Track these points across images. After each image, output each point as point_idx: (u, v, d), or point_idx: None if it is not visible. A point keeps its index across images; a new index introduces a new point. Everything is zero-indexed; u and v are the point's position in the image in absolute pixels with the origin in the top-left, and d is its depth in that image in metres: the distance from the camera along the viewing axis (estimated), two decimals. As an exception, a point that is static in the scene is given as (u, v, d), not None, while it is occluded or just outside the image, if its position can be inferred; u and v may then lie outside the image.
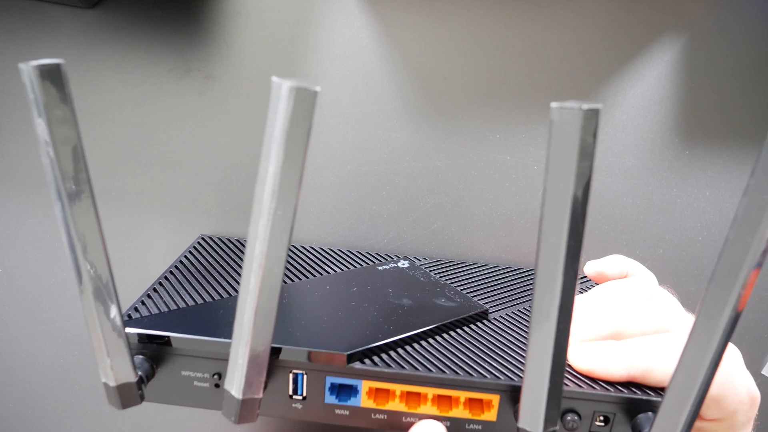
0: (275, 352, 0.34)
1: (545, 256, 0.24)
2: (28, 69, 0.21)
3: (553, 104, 0.21)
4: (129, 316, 0.37)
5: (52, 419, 0.62)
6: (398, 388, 0.35)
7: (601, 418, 0.34)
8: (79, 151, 0.24)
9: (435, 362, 0.35)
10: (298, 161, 0.23)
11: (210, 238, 0.53)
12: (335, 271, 0.48)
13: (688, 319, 0.38)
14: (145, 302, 0.39)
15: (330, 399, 0.35)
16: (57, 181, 0.24)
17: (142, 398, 0.33)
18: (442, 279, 0.48)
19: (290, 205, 0.24)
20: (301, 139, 0.23)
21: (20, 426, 0.62)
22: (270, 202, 0.24)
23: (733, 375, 0.35)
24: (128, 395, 0.32)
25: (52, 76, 0.22)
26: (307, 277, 0.46)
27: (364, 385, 0.35)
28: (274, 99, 0.22)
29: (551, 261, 0.24)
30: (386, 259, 0.51)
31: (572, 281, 0.24)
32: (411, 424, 0.35)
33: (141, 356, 0.35)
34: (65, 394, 0.61)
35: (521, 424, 0.29)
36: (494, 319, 0.43)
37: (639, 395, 0.34)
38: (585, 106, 0.21)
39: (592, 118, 0.21)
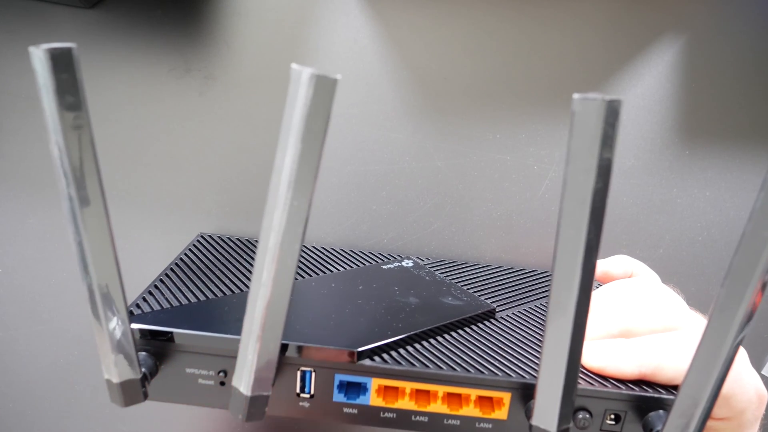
0: (283, 349, 0.34)
1: (564, 249, 0.24)
2: (38, 53, 0.21)
3: (575, 95, 0.21)
4: (131, 312, 0.36)
5: (52, 419, 0.61)
6: (408, 385, 0.34)
7: (613, 416, 0.34)
8: (90, 140, 0.23)
9: (445, 360, 0.35)
10: (316, 150, 0.23)
11: (209, 236, 0.53)
12: (339, 270, 0.47)
13: (695, 318, 0.38)
14: (147, 299, 0.38)
15: (338, 397, 0.35)
16: (65, 171, 0.23)
17: (145, 396, 0.32)
18: (446, 278, 0.48)
19: (307, 195, 0.24)
20: (319, 128, 0.22)
21: (20, 426, 0.61)
22: (286, 193, 0.23)
23: (742, 374, 0.35)
24: (131, 392, 0.31)
25: (64, 60, 0.21)
26: (311, 276, 0.46)
27: (374, 383, 0.34)
28: (294, 86, 0.22)
29: (570, 255, 0.24)
30: (389, 259, 0.51)
31: (590, 276, 0.24)
32: (420, 423, 0.35)
33: (144, 353, 0.34)
34: (65, 394, 0.60)
35: (535, 422, 0.28)
36: (501, 318, 0.43)
37: (650, 393, 0.33)
38: (607, 98, 0.21)
39: (614, 110, 0.21)
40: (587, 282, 0.24)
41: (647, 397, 0.33)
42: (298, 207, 0.24)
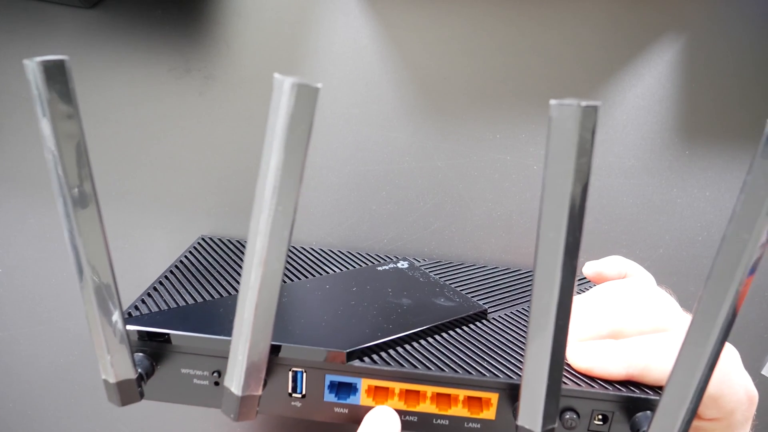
0: (275, 349, 0.34)
1: (544, 252, 0.24)
2: (32, 65, 0.21)
3: (552, 101, 0.21)
4: (129, 314, 0.37)
5: (52, 419, 0.62)
6: (397, 386, 0.35)
7: (600, 416, 0.34)
8: (83, 147, 0.24)
9: (434, 360, 0.35)
10: (299, 157, 0.23)
11: (210, 238, 0.53)
12: (335, 272, 0.48)
13: (686, 319, 0.38)
14: (146, 301, 0.39)
15: (329, 397, 0.35)
16: (59, 177, 0.24)
17: (141, 395, 0.33)
18: (442, 279, 0.48)
19: (291, 200, 0.24)
20: (302, 135, 0.23)
21: (20, 426, 0.62)
22: (271, 198, 0.24)
23: (731, 374, 0.35)
24: (128, 392, 0.32)
25: (57, 72, 0.22)
26: (307, 277, 0.46)
27: (364, 383, 0.35)
28: (276, 95, 0.22)
29: (550, 257, 0.24)
30: (385, 260, 0.51)
31: (571, 278, 0.24)
32: (410, 423, 0.35)
33: (141, 353, 0.35)
34: (65, 394, 0.61)
35: (520, 422, 0.29)
36: (493, 319, 0.43)
37: (637, 394, 0.34)
38: (583, 103, 0.21)
39: (590, 115, 0.21)
40: (568, 283, 0.24)
41: (635, 398, 0.34)
42: (283, 212, 0.24)
